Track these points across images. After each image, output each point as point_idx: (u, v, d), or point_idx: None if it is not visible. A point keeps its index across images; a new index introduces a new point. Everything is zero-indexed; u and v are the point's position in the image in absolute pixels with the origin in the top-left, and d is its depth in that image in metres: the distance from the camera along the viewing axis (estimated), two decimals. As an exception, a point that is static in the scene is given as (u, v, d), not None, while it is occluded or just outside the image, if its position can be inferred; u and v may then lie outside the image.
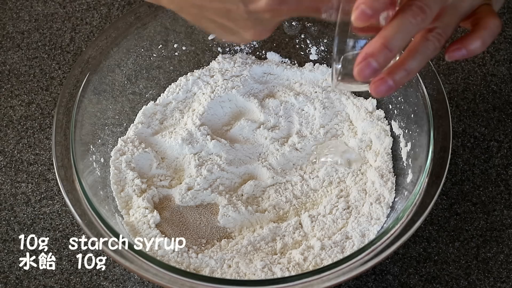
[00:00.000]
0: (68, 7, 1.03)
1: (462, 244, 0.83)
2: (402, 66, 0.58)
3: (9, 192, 0.87)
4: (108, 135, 0.85)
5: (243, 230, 0.80)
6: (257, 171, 0.85)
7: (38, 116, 0.93)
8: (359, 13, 0.55)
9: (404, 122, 0.84)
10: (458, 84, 0.94)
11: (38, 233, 0.83)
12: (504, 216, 0.84)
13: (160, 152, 0.86)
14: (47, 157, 0.89)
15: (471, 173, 0.87)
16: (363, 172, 0.84)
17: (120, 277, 0.81)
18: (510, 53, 0.97)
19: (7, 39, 1.00)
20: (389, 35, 0.56)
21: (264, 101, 0.90)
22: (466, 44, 0.59)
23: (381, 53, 0.56)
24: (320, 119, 0.88)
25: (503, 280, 0.80)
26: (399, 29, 0.56)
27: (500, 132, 0.90)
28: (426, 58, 0.58)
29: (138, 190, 0.81)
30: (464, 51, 0.59)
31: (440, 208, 0.85)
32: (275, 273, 0.75)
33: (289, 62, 0.93)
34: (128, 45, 0.87)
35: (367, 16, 0.55)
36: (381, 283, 0.80)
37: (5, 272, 0.81)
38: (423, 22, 0.56)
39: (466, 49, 0.59)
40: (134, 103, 0.89)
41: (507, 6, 1.01)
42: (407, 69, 0.58)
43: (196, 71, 0.92)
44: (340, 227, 0.79)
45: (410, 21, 0.56)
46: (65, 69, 0.97)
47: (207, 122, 0.88)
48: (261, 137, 0.87)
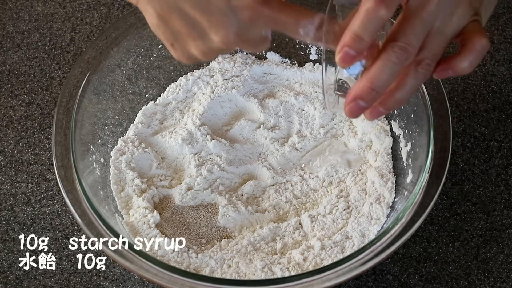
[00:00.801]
0: (68, 7, 1.03)
1: (462, 244, 0.83)
2: (392, 97, 0.60)
3: (9, 192, 0.87)
4: (108, 135, 0.85)
5: (243, 230, 0.80)
6: (257, 171, 0.85)
7: (38, 116, 0.93)
8: (343, 55, 0.57)
9: (404, 122, 0.84)
10: (458, 84, 0.94)
11: (38, 233, 0.83)
12: (504, 216, 0.84)
13: (160, 152, 0.86)
14: (47, 157, 0.89)
15: (471, 173, 0.87)
16: (363, 172, 0.84)
17: (120, 277, 0.81)
18: (510, 53, 0.97)
19: (7, 39, 1.00)
20: (374, 77, 0.58)
21: (264, 101, 0.90)
22: (453, 65, 0.60)
23: (368, 95, 0.58)
24: (320, 119, 0.88)
25: (503, 280, 0.80)
26: (383, 70, 0.58)
27: (500, 132, 0.90)
28: (416, 87, 0.60)
29: (138, 190, 0.81)
30: (451, 72, 0.60)
31: (440, 208, 0.85)
32: (275, 273, 0.75)
33: (289, 62, 0.93)
34: (128, 45, 0.87)
35: (351, 57, 0.57)
36: (381, 283, 0.80)
37: (5, 272, 0.81)
38: (406, 60, 0.58)
39: (453, 70, 0.60)
40: (134, 103, 0.89)
41: (507, 6, 1.01)
42: (397, 100, 0.60)
43: (196, 71, 0.92)
44: (340, 227, 0.79)
45: (394, 62, 0.57)
46: (65, 69, 0.97)
47: (207, 122, 0.88)
48: (261, 137, 0.87)
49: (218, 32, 0.59)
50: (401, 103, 0.61)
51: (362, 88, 0.58)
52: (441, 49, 0.60)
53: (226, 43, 0.60)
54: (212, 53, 0.62)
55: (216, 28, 0.59)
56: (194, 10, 0.59)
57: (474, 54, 0.59)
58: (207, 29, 0.59)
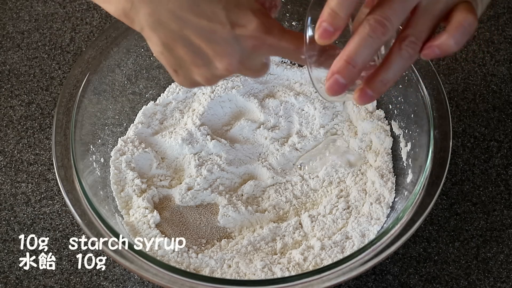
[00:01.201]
0: (68, 7, 1.03)
1: (462, 244, 0.83)
2: (378, 77, 0.59)
3: (9, 192, 0.87)
4: (108, 135, 0.85)
5: (243, 230, 0.80)
6: (257, 171, 0.85)
7: (38, 116, 0.93)
8: (321, 30, 0.57)
9: (404, 122, 0.84)
10: (458, 84, 0.94)
11: (38, 233, 0.83)
12: (504, 216, 0.84)
13: (160, 152, 0.86)
14: (47, 157, 0.89)
15: (471, 173, 0.87)
16: (363, 172, 0.84)
17: (120, 277, 0.81)
18: (510, 53, 0.97)
19: (7, 39, 1.00)
20: (351, 51, 0.57)
21: (264, 101, 0.90)
22: (439, 43, 0.58)
23: (346, 70, 0.57)
24: (320, 119, 0.88)
25: (503, 280, 0.80)
26: (359, 45, 0.57)
27: (500, 132, 0.90)
28: (402, 67, 0.59)
29: (138, 190, 0.81)
30: (437, 50, 0.59)
31: (440, 208, 0.85)
32: (275, 273, 0.75)
33: (289, 62, 0.93)
34: (128, 45, 0.87)
35: (329, 33, 0.57)
36: (381, 283, 0.80)
37: (5, 272, 0.81)
38: (384, 36, 0.57)
39: (439, 48, 0.59)
40: (134, 103, 0.89)
41: (507, 6, 1.01)
42: (383, 80, 0.59)
43: (196, 71, 0.92)
44: (340, 227, 0.79)
45: (370, 35, 0.57)
46: (65, 69, 0.97)
47: (207, 122, 0.88)
48: (261, 137, 0.87)
49: (222, 61, 0.60)
50: (388, 84, 0.59)
51: (339, 62, 0.57)
52: (427, 28, 0.59)
53: (229, 70, 0.61)
54: (215, 79, 0.63)
55: (220, 56, 0.60)
56: (198, 39, 0.60)
57: (460, 31, 0.58)
58: (211, 57, 0.61)
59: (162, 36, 0.61)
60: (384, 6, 0.57)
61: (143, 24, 0.61)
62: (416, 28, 0.58)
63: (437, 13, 0.59)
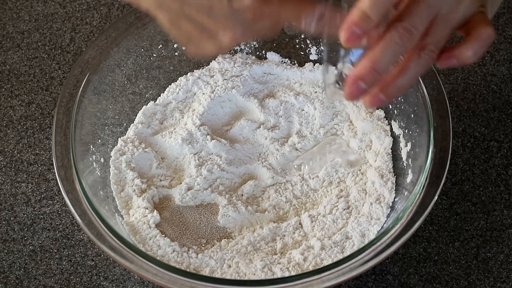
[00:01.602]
0: (68, 7, 1.03)
1: (462, 244, 0.83)
2: (394, 83, 0.59)
3: (9, 192, 0.87)
4: (108, 135, 0.85)
5: (243, 230, 0.80)
6: (257, 171, 0.85)
7: (38, 116, 0.93)
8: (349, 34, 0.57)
9: (404, 122, 0.84)
10: (458, 84, 0.94)
11: (38, 233, 0.83)
12: (504, 216, 0.84)
13: (160, 152, 0.86)
14: (47, 157, 0.89)
15: (471, 173, 0.87)
16: (363, 172, 0.84)
17: (120, 277, 0.81)
18: (510, 53, 0.97)
19: (7, 39, 1.00)
20: (376, 57, 0.57)
21: (264, 101, 0.90)
22: (457, 54, 0.60)
23: (369, 75, 0.57)
24: (320, 119, 0.88)
25: (503, 280, 0.80)
26: (386, 51, 0.57)
27: (500, 132, 0.90)
28: (418, 74, 0.60)
29: (138, 190, 0.81)
30: (455, 60, 0.60)
31: (440, 208, 0.85)
32: (275, 273, 0.75)
33: (289, 62, 0.93)
34: (128, 45, 0.87)
35: (357, 36, 0.57)
36: (381, 283, 0.80)
37: (5, 272, 0.81)
38: (409, 43, 0.57)
39: (457, 59, 0.60)
40: (134, 103, 0.89)
41: (507, 6, 1.01)
42: (398, 86, 0.59)
43: (196, 71, 0.92)
44: (340, 227, 0.79)
45: (397, 42, 0.57)
46: (65, 69, 0.97)
47: (207, 122, 0.88)
48: (261, 137, 0.87)
49: (225, 34, 0.62)
50: (402, 90, 0.60)
51: (364, 68, 0.57)
52: (445, 37, 0.59)
53: (235, 40, 0.62)
54: (226, 48, 0.64)
55: (222, 30, 0.61)
56: (200, 16, 0.61)
57: (479, 43, 0.59)
58: (214, 33, 0.62)
59: (166, 15, 0.63)
60: (411, 15, 0.57)
61: (148, 4, 0.63)
62: (435, 37, 0.59)
63: (455, 23, 0.60)
